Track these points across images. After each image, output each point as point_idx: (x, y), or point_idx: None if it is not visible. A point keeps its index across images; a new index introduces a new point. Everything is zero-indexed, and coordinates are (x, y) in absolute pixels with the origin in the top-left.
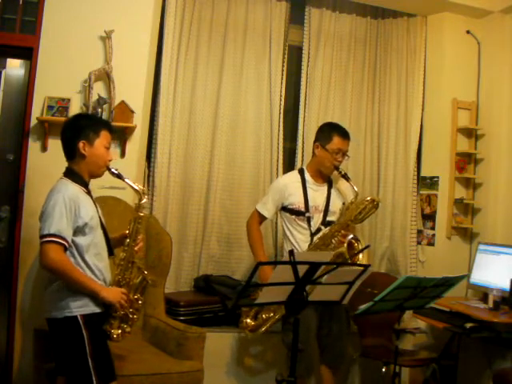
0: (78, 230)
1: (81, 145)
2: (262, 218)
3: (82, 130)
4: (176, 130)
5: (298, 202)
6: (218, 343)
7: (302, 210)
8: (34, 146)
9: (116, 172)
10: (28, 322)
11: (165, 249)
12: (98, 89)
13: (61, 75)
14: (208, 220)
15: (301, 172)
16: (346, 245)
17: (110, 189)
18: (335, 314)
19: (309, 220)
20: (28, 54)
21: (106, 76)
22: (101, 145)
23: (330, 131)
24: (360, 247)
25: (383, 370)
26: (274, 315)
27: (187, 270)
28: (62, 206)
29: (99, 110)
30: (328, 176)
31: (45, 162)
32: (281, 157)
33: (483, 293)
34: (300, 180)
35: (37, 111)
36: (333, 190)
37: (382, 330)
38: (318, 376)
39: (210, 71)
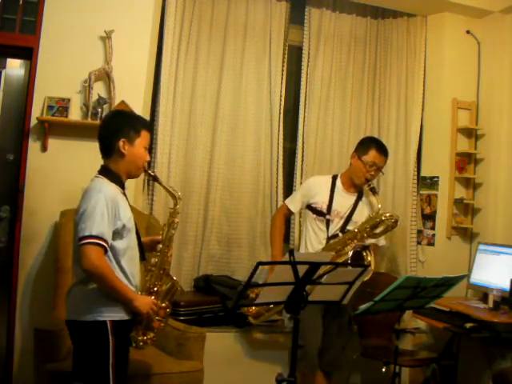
0: (117, 233)
1: (121, 143)
2: (289, 212)
3: (123, 128)
4: (176, 130)
5: (322, 202)
6: (218, 343)
7: (324, 211)
8: (34, 145)
9: (153, 174)
10: (28, 322)
11: None
12: (98, 89)
13: (61, 75)
14: (208, 220)
15: (334, 177)
16: (350, 254)
17: None
18: (337, 312)
19: (328, 223)
20: (28, 53)
21: (106, 76)
22: (141, 145)
23: (369, 144)
24: (369, 258)
25: (383, 370)
26: (274, 306)
27: (187, 270)
28: (104, 206)
29: (99, 109)
30: (359, 187)
31: (45, 162)
32: (281, 157)
33: (483, 293)
34: (330, 183)
35: (37, 111)
36: (361, 203)
37: (382, 330)
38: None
39: (210, 71)
